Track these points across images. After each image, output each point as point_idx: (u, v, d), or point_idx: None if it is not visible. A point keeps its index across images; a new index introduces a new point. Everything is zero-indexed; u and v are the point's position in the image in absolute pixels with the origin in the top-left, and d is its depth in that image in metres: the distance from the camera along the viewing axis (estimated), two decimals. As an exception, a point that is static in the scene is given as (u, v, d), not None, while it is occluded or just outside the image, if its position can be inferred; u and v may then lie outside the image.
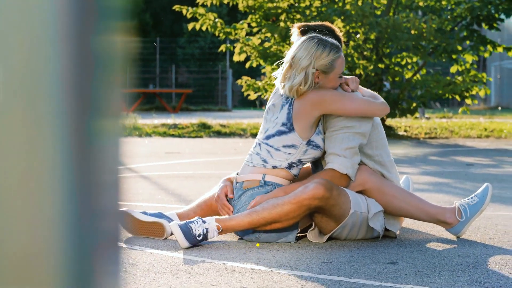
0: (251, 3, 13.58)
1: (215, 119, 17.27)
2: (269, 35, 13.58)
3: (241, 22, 14.02)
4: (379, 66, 13.43)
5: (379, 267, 3.31)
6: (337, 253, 3.64)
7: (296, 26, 4.13)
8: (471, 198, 4.14)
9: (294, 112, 3.95)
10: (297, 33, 4.11)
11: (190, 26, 13.75)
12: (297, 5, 13.71)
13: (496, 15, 13.63)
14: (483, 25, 13.72)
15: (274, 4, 13.61)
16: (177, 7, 13.67)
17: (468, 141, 13.12)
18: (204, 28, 13.73)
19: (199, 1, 13.65)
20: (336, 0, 13.70)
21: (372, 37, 13.42)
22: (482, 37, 13.71)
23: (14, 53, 0.77)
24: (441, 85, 13.61)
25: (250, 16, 13.81)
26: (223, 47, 14.12)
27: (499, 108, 31.34)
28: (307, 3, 13.66)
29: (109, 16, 0.79)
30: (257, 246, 3.80)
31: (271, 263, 3.39)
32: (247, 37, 13.85)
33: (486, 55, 13.85)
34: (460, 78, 13.78)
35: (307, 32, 4.08)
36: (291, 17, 13.69)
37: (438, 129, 14.80)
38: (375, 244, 3.90)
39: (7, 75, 0.77)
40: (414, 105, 13.82)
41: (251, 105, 32.11)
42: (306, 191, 3.76)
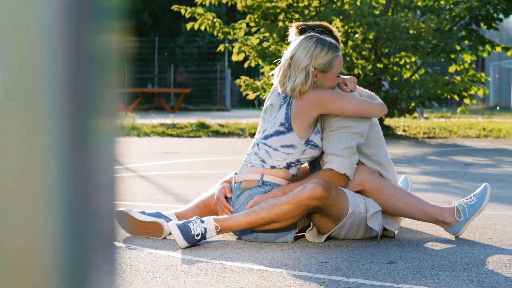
0: (249, 2, 13.58)
1: (213, 119, 17.27)
2: (267, 34, 13.58)
3: (239, 22, 14.01)
4: (378, 66, 13.43)
5: (377, 267, 3.30)
6: (335, 252, 3.64)
7: (294, 26, 4.13)
8: (470, 198, 4.14)
9: (292, 112, 3.95)
10: (294, 33, 4.11)
11: (189, 26, 13.74)
12: (295, 4, 13.70)
13: (495, 15, 13.63)
14: (482, 25, 13.72)
15: (273, 4, 13.60)
16: (175, 7, 13.66)
17: (467, 140, 13.12)
18: (202, 28, 13.73)
19: (198, 0, 13.64)
20: (335, 0, 13.69)
21: (370, 36, 13.42)
22: (480, 36, 13.72)
23: (9, 52, 0.77)
24: (439, 85, 13.61)
25: (248, 16, 13.81)
26: (221, 47, 14.11)
27: (498, 108, 31.35)
28: (306, 2, 13.66)
29: (104, 16, 0.79)
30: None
31: (269, 262, 3.39)
32: (245, 37, 13.85)
33: (485, 55, 13.85)
34: (458, 78, 13.78)
35: (306, 31, 4.08)
36: (290, 16, 13.68)
37: (437, 128, 14.80)
38: (373, 244, 3.90)
39: (2, 74, 0.77)
40: (413, 105, 13.82)
41: (249, 105, 32.11)
42: (304, 191, 3.76)
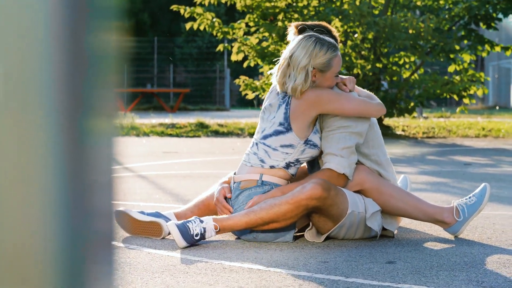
0: (249, 2, 13.58)
1: (213, 119, 17.27)
2: (267, 34, 13.58)
3: (239, 22, 14.01)
4: (377, 65, 13.43)
5: (376, 267, 3.30)
6: (334, 252, 3.64)
7: (293, 25, 4.12)
8: (469, 198, 4.14)
9: (291, 112, 3.94)
10: (293, 32, 4.10)
11: (188, 26, 13.73)
12: (295, 4, 13.70)
13: (494, 15, 13.63)
14: (481, 24, 13.72)
15: (272, 4, 13.60)
16: (174, 7, 13.65)
17: (466, 140, 13.12)
18: (202, 28, 13.72)
19: (197, 0, 13.63)
20: (334, 0, 13.69)
21: (370, 36, 13.42)
22: (480, 36, 13.72)
23: (5, 52, 0.77)
24: (439, 84, 13.61)
25: (248, 16, 13.81)
26: (220, 47, 14.11)
27: (497, 108, 31.36)
28: (305, 2, 13.66)
29: (102, 15, 0.79)
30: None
31: (268, 262, 3.39)
32: (245, 36, 13.85)
33: (484, 54, 13.86)
34: (458, 78, 13.78)
35: (305, 30, 4.07)
36: (289, 16, 13.68)
37: (436, 128, 14.80)
38: (372, 243, 3.89)
39: None
40: (412, 104, 13.82)
41: (249, 104, 32.12)
42: (303, 191, 3.76)
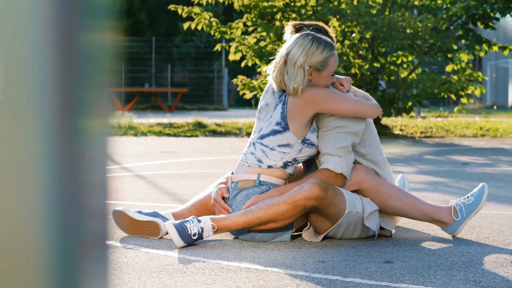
0: (246, 2, 13.57)
1: (210, 118, 17.27)
2: (264, 34, 13.58)
3: (236, 21, 14.00)
4: (375, 65, 13.43)
5: (374, 266, 3.30)
6: (332, 252, 3.63)
7: (290, 24, 4.11)
8: (467, 197, 4.14)
9: (288, 111, 3.94)
10: (290, 31, 4.10)
11: (186, 26, 13.72)
12: (292, 4, 13.70)
13: (492, 14, 13.64)
14: (479, 24, 13.73)
15: (270, 3, 13.60)
16: (172, 7, 13.64)
17: (464, 140, 13.12)
18: (199, 28, 13.71)
19: (195, 0, 13.63)
20: (332, -1, 13.70)
21: (367, 36, 13.42)
22: (477, 36, 13.72)
23: None
24: (436, 84, 13.61)
25: (245, 15, 13.80)
26: (218, 46, 14.10)
27: (495, 107, 31.38)
28: (303, 2, 13.66)
29: (95, 15, 0.78)
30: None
31: (266, 262, 3.38)
32: (242, 36, 13.84)
33: (482, 54, 13.86)
34: (455, 77, 13.78)
35: (302, 29, 4.07)
36: (287, 16, 13.68)
37: (434, 128, 14.81)
38: (370, 243, 3.89)
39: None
40: (410, 104, 13.83)
41: (246, 104, 32.12)
42: (301, 191, 3.75)
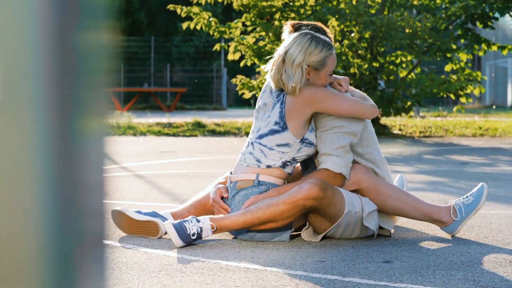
0: (245, 1, 13.57)
1: (209, 118, 17.27)
2: (263, 34, 13.57)
3: (235, 21, 14.00)
4: (374, 64, 13.43)
5: (373, 266, 3.30)
6: (331, 252, 3.63)
7: (289, 24, 4.11)
8: (467, 197, 4.14)
9: (286, 111, 3.93)
10: (288, 31, 4.09)
11: (185, 25, 13.72)
12: (291, 3, 13.69)
13: (491, 14, 13.64)
14: (478, 23, 13.73)
15: (269, 3, 13.59)
16: (171, 6, 13.63)
17: (463, 139, 13.12)
18: (198, 27, 13.71)
19: (194, 0, 13.63)
20: (331, -1, 13.70)
21: (366, 35, 13.42)
22: (476, 35, 13.72)
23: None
24: (435, 83, 13.61)
25: (244, 15, 13.80)
26: (217, 46, 14.09)
27: (494, 107, 31.38)
28: (302, 1, 13.65)
29: (93, 14, 0.78)
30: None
31: (265, 262, 3.38)
32: (241, 36, 13.84)
33: (481, 53, 13.86)
34: (454, 77, 13.78)
35: (300, 29, 4.06)
36: (286, 15, 13.68)
37: (433, 127, 14.81)
38: (369, 243, 3.89)
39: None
40: (409, 103, 13.82)
41: (245, 104, 32.12)
42: (300, 191, 3.75)
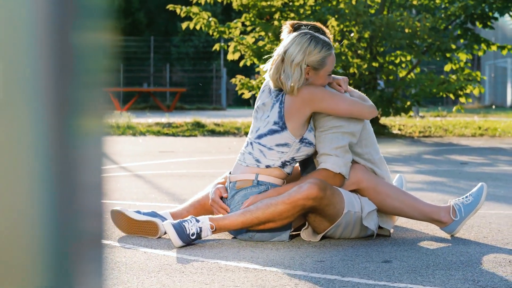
0: (245, 1, 13.57)
1: (209, 118, 17.27)
2: (263, 33, 13.57)
3: (235, 21, 14.00)
4: (373, 64, 13.43)
5: (372, 266, 3.30)
6: (330, 251, 3.63)
7: (288, 24, 4.11)
8: (466, 197, 4.14)
9: (285, 110, 3.93)
10: (288, 30, 4.09)
11: (184, 25, 13.72)
12: (291, 3, 13.69)
13: (490, 14, 13.64)
14: (477, 23, 13.73)
15: (268, 3, 13.59)
16: (170, 6, 13.63)
17: (462, 139, 13.12)
18: (198, 27, 13.71)
19: (193, -1, 13.63)
20: (330, -1, 13.70)
21: (366, 35, 13.42)
22: (476, 35, 13.72)
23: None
24: (435, 83, 13.61)
25: (244, 15, 13.79)
26: (217, 46, 14.09)
27: (493, 107, 31.39)
28: (301, 1, 13.65)
29: (91, 14, 0.78)
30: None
31: (264, 262, 3.38)
32: (241, 36, 13.84)
33: (480, 53, 13.86)
34: (454, 77, 13.78)
35: (299, 29, 4.06)
36: (285, 15, 13.67)
37: (432, 127, 14.81)
38: (368, 242, 3.89)
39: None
40: (408, 103, 13.83)
41: (245, 104, 32.12)
42: (300, 191, 3.75)
